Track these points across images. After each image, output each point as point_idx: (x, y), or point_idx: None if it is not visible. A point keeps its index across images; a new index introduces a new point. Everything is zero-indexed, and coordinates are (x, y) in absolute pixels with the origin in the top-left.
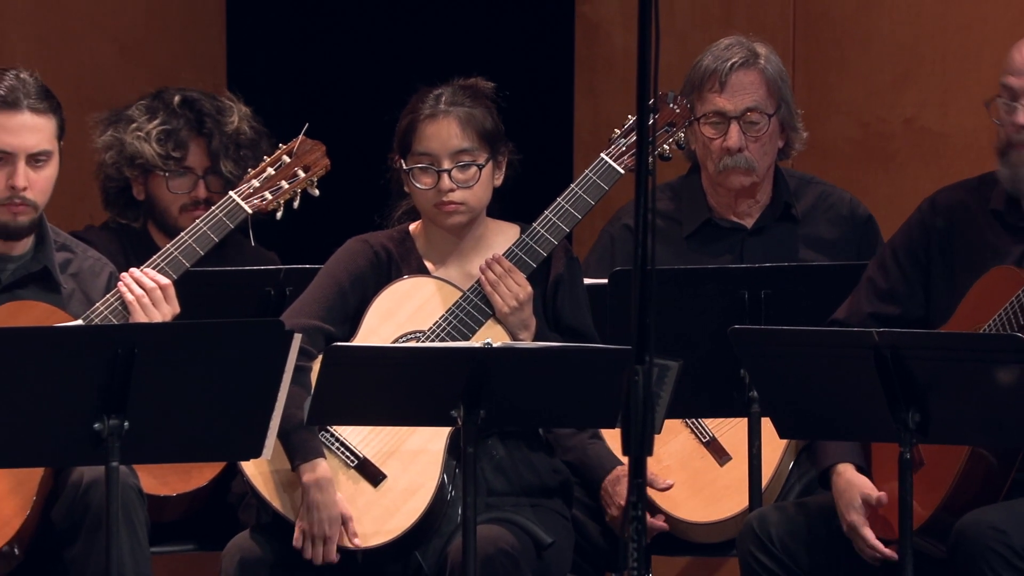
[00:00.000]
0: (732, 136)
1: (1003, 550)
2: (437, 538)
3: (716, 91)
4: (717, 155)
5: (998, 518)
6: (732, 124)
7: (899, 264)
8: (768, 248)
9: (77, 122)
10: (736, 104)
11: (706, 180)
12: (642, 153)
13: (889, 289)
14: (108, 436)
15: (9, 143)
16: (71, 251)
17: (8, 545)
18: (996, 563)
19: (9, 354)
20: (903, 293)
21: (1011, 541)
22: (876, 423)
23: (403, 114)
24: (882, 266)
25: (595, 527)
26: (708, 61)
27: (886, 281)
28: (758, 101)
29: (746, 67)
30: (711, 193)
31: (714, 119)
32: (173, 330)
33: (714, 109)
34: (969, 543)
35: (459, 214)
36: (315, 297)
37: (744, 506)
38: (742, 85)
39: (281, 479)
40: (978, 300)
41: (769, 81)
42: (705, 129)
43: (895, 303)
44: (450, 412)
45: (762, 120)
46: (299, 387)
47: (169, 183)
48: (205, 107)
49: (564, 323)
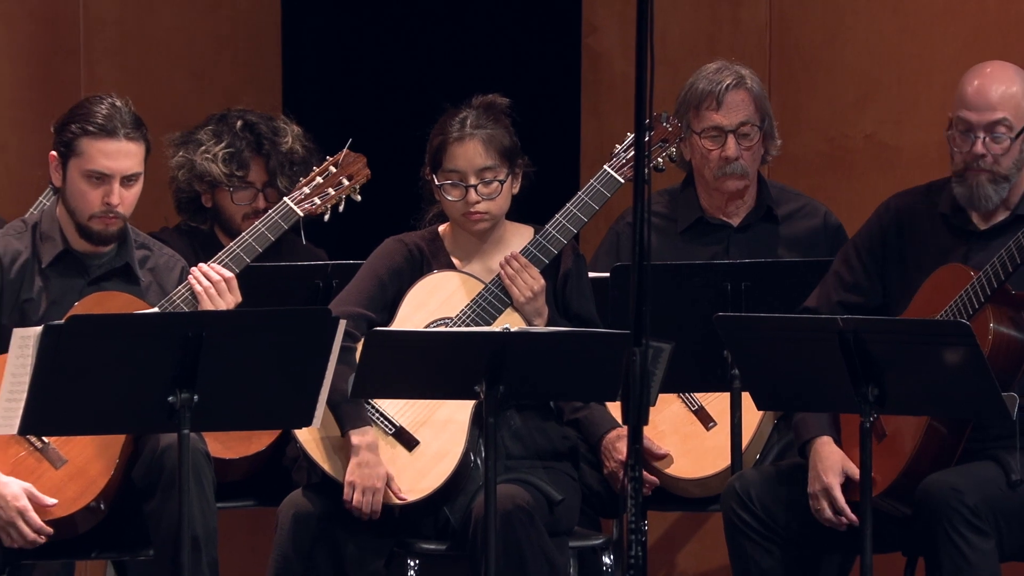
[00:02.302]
0: (730, 147)
1: (961, 508)
2: (463, 496)
3: (713, 109)
4: (716, 164)
5: (957, 480)
6: (729, 137)
7: (861, 259)
8: (752, 244)
9: (154, 139)
10: (731, 119)
11: (701, 185)
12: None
13: (853, 281)
14: (180, 408)
15: (107, 166)
16: (149, 249)
17: (95, 501)
18: (955, 519)
19: (96, 337)
20: (864, 285)
21: (967, 500)
22: (840, 397)
23: (433, 133)
24: (846, 261)
25: (595, 476)
26: (704, 84)
27: (850, 274)
28: (749, 116)
29: (737, 88)
30: (704, 196)
31: (712, 133)
32: (236, 317)
33: (712, 125)
34: (932, 502)
35: (484, 221)
36: (358, 288)
37: (726, 464)
38: (735, 103)
39: (329, 444)
40: (931, 293)
41: (756, 98)
42: (704, 142)
43: (858, 293)
44: (474, 387)
45: (753, 132)
46: (345, 365)
47: (233, 196)
48: (263, 130)
49: (572, 311)
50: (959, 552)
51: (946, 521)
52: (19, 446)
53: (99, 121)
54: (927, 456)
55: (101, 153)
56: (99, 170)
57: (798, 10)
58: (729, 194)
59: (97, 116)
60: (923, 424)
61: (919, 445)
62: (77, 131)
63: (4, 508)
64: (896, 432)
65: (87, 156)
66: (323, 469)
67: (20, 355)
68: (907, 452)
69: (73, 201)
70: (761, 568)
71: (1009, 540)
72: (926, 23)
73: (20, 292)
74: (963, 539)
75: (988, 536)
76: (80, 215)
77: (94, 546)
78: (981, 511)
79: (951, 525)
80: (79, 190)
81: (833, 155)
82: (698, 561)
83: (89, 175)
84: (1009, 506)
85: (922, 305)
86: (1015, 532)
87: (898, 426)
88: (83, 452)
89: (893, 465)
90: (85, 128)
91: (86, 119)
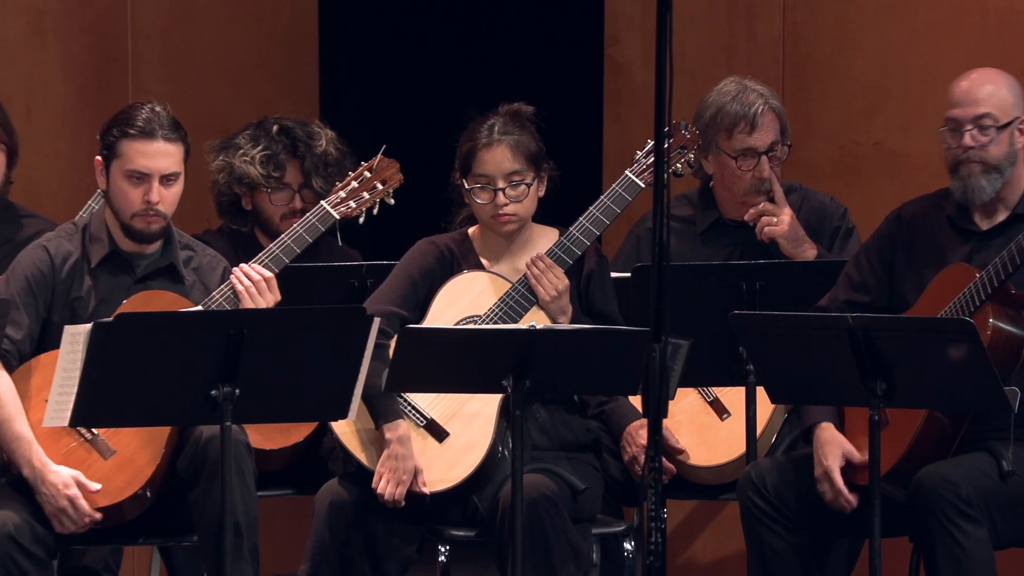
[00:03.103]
0: (764, 168)
1: (954, 499)
2: (491, 485)
3: (747, 132)
4: (750, 183)
5: (950, 472)
6: (762, 158)
7: (870, 263)
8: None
9: (197, 145)
10: (764, 141)
11: (726, 196)
12: (659, 171)
13: (862, 282)
14: (222, 401)
15: (146, 166)
16: (192, 250)
17: (142, 489)
18: (948, 509)
19: (143, 334)
20: (873, 285)
21: (960, 492)
22: (850, 391)
23: (463, 140)
24: (857, 264)
25: (617, 467)
26: (736, 108)
27: (859, 276)
28: (777, 135)
29: (766, 111)
30: (729, 206)
31: (747, 156)
32: (275, 315)
33: (746, 147)
34: (926, 492)
35: (512, 223)
36: (391, 287)
37: (740, 453)
38: (766, 125)
39: (363, 436)
40: (937, 291)
41: (780, 117)
42: (741, 164)
43: (866, 293)
44: (501, 382)
45: (781, 149)
46: (379, 361)
47: (271, 197)
48: (298, 134)
49: (595, 309)
50: (953, 540)
51: (940, 511)
52: (70, 437)
53: (139, 124)
54: (927, 444)
55: (140, 154)
56: (138, 170)
57: (810, 24)
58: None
59: (137, 120)
60: (923, 414)
61: (919, 432)
62: (118, 135)
63: (56, 496)
64: (897, 420)
65: (127, 157)
66: (358, 459)
67: (71, 351)
68: (907, 439)
69: (116, 201)
70: (774, 551)
71: (1003, 528)
72: (931, 36)
73: (70, 291)
74: (957, 528)
75: (980, 524)
76: (123, 214)
77: (141, 532)
78: (974, 501)
79: (945, 515)
80: (121, 190)
81: (843, 161)
82: (714, 547)
83: (129, 175)
84: (1001, 496)
85: (928, 303)
86: (1008, 520)
87: (900, 415)
88: (130, 443)
89: (894, 451)
90: (125, 131)
91: (126, 123)
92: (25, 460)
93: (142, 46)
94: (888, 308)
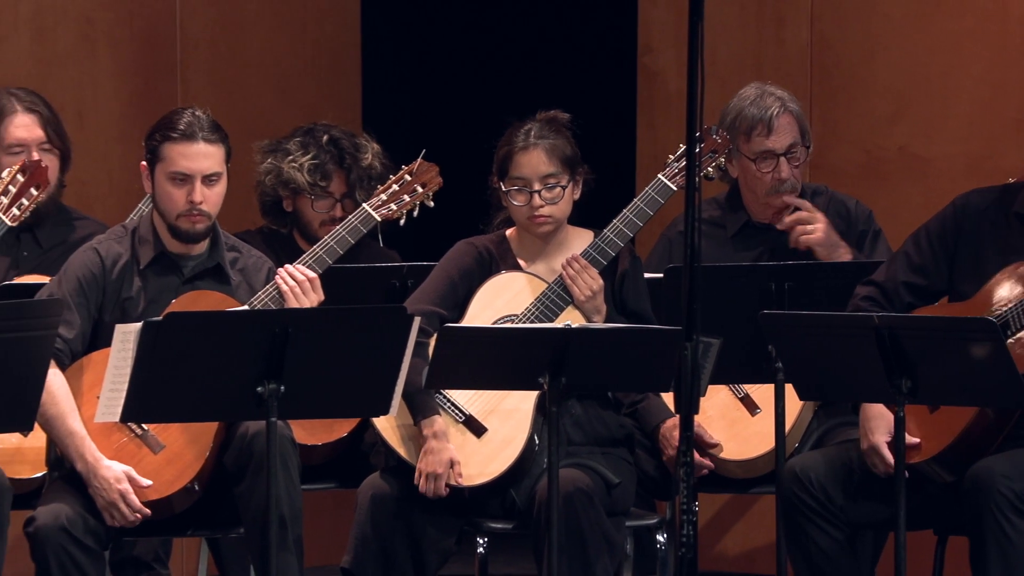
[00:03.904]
0: (783, 169)
1: (1009, 494)
2: (527, 479)
3: (764, 135)
4: (770, 184)
5: (1004, 467)
6: (781, 160)
7: (931, 245)
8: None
9: (244, 149)
10: (782, 143)
11: (751, 199)
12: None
13: (921, 264)
14: (268, 397)
15: (188, 167)
16: (238, 251)
17: (190, 483)
18: (1003, 504)
19: (192, 333)
20: (932, 270)
21: (1015, 486)
22: (876, 388)
23: (500, 144)
24: (917, 244)
25: (651, 462)
26: (753, 111)
27: (919, 257)
28: (796, 137)
29: (783, 113)
30: (755, 208)
31: (766, 157)
32: (319, 314)
33: (765, 150)
34: (980, 486)
35: (548, 224)
36: (431, 287)
37: (769, 447)
38: (784, 127)
39: (404, 432)
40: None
41: (799, 119)
42: (760, 166)
43: (924, 277)
44: (538, 379)
45: (800, 151)
46: (419, 358)
47: (314, 204)
48: (346, 145)
49: (629, 308)
50: (1003, 533)
51: (993, 504)
52: (121, 433)
53: (180, 128)
54: (974, 434)
55: (182, 155)
56: (181, 171)
57: (837, 32)
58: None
59: (178, 124)
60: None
61: (969, 423)
62: (160, 139)
63: (107, 490)
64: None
65: (170, 159)
66: (399, 454)
67: (122, 349)
68: (958, 428)
69: (162, 203)
70: (819, 546)
71: None
72: (954, 45)
73: (121, 291)
74: (1008, 521)
75: None
76: (169, 216)
77: (189, 524)
78: None
79: (998, 508)
80: (166, 192)
81: (869, 165)
82: (744, 540)
83: (173, 177)
84: None
85: (986, 298)
86: None
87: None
88: (179, 438)
89: (945, 436)
90: (167, 135)
91: (168, 128)
92: (78, 455)
93: (190, 54)
94: (943, 293)
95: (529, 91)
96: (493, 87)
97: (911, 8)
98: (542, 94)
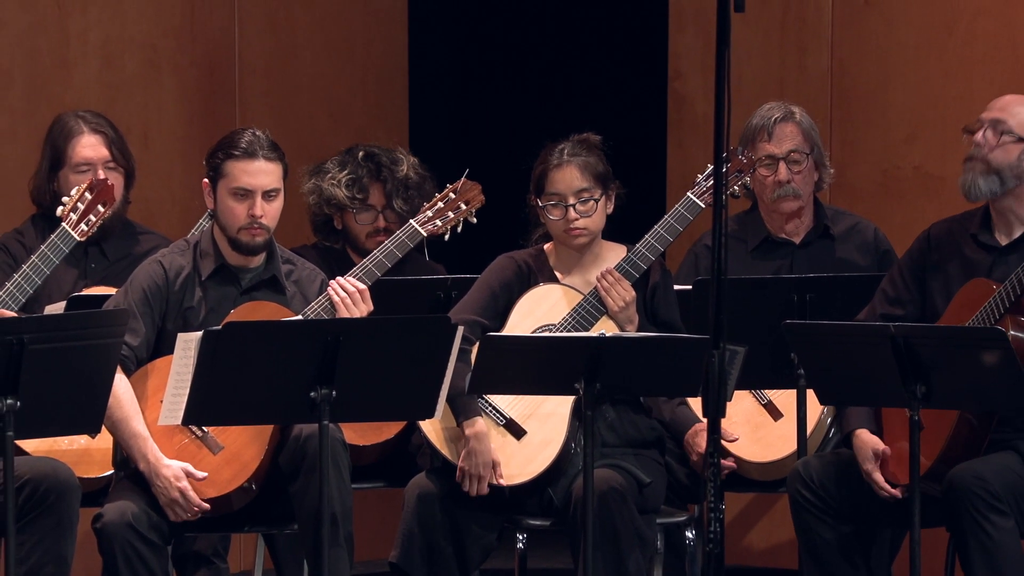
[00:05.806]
0: (781, 172)
1: (984, 494)
2: (564, 479)
3: (765, 140)
4: (771, 188)
5: (980, 469)
6: (780, 163)
7: (903, 278)
8: (812, 258)
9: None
10: (781, 148)
11: (764, 209)
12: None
13: (896, 297)
14: (320, 402)
15: (249, 183)
16: (293, 264)
17: (247, 482)
18: (979, 504)
19: (249, 341)
20: (907, 300)
21: (990, 487)
22: (892, 393)
23: (536, 163)
24: (891, 280)
25: (681, 469)
26: (756, 120)
27: (894, 291)
28: (797, 144)
29: (784, 120)
30: (768, 218)
31: (767, 162)
32: (369, 324)
33: (765, 154)
34: (958, 488)
35: (583, 236)
36: (474, 299)
37: (791, 450)
38: (784, 134)
39: (449, 434)
40: (961, 305)
41: (804, 130)
42: (761, 171)
43: (901, 307)
44: (574, 384)
45: (802, 158)
46: (462, 364)
47: (356, 217)
48: (382, 159)
49: (659, 318)
50: (984, 532)
51: (971, 505)
52: (182, 435)
53: (242, 146)
54: (959, 444)
55: (243, 172)
56: (242, 187)
57: (856, 58)
58: (786, 215)
59: (240, 143)
60: (954, 417)
61: (951, 435)
62: (223, 157)
63: (168, 488)
64: (931, 424)
65: (232, 176)
66: (443, 455)
67: (183, 356)
68: (941, 441)
69: (223, 218)
70: (823, 539)
71: None
72: (966, 69)
73: (183, 301)
74: (987, 520)
75: (1009, 517)
76: (230, 230)
77: (247, 521)
78: (1002, 495)
79: (976, 509)
80: (227, 207)
81: (886, 184)
82: (768, 536)
83: (235, 192)
84: None
85: (953, 315)
86: None
87: (934, 418)
88: (237, 440)
89: (930, 452)
90: (230, 153)
91: (230, 146)
92: (141, 455)
93: (248, 80)
94: (920, 319)
95: (567, 114)
96: (533, 110)
97: (925, 36)
98: (579, 117)
